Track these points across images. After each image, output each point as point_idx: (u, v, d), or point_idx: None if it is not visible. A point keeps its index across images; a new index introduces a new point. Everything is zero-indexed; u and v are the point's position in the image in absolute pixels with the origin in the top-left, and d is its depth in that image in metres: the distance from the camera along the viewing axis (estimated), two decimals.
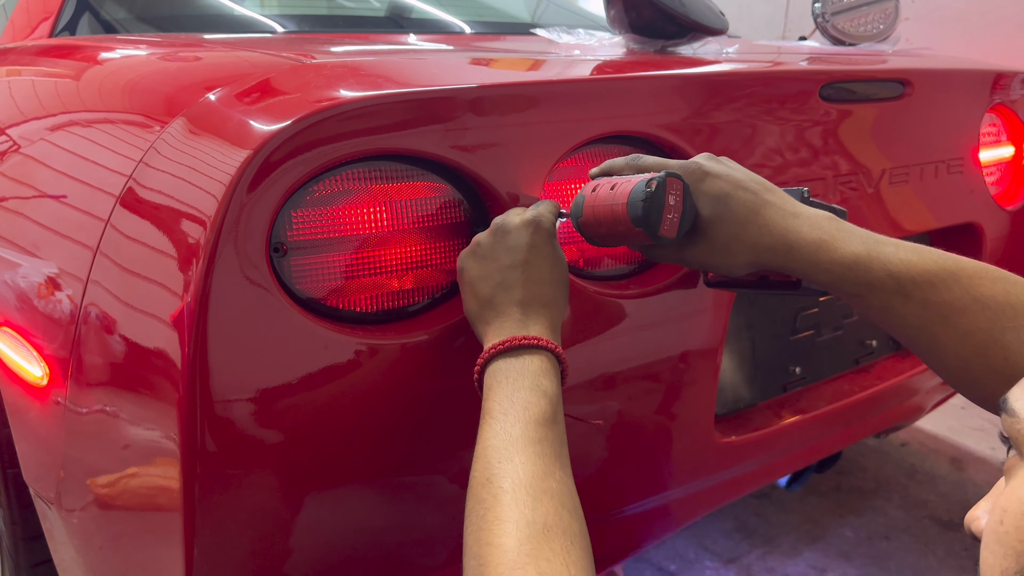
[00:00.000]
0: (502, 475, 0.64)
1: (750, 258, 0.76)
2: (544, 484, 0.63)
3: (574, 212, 0.80)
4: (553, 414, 0.69)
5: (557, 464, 0.66)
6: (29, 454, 0.98)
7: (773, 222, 0.74)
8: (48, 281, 0.88)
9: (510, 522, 0.60)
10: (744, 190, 0.76)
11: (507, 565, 0.58)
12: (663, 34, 1.16)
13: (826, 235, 0.73)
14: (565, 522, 0.61)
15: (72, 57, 1.18)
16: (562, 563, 0.58)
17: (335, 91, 0.74)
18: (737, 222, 0.75)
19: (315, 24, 1.55)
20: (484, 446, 0.67)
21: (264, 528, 0.75)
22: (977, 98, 1.36)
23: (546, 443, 0.66)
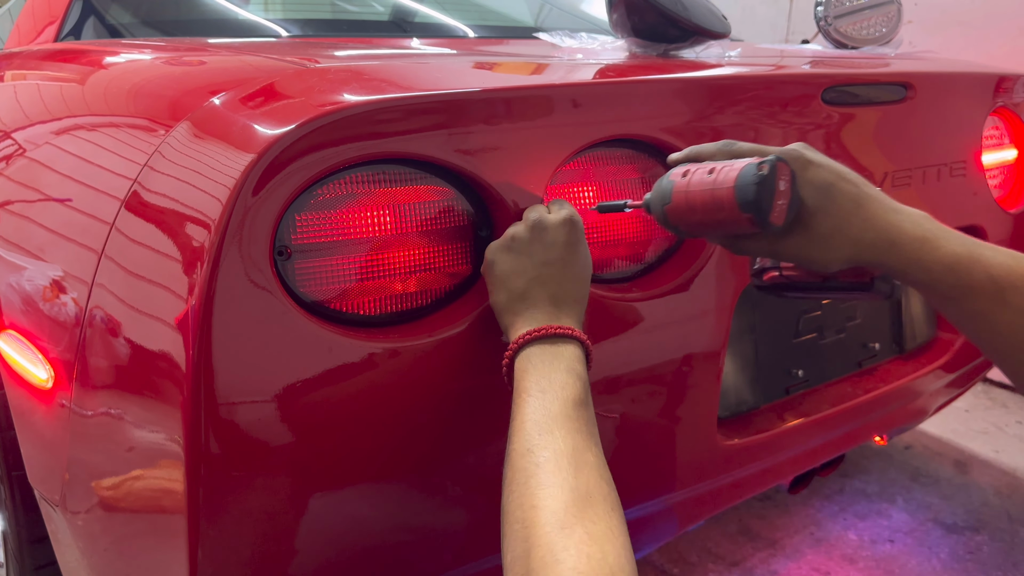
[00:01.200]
0: (543, 446, 0.65)
1: (850, 253, 0.73)
2: (583, 457, 0.64)
3: (658, 198, 0.77)
4: (586, 398, 0.71)
5: (592, 442, 0.67)
6: (34, 456, 0.99)
7: (876, 216, 0.72)
8: (53, 284, 0.88)
9: (554, 487, 0.62)
10: (847, 181, 0.74)
11: (554, 525, 0.59)
12: (665, 38, 1.16)
13: (928, 233, 0.71)
14: (605, 491, 0.62)
15: (77, 61, 1.18)
16: (606, 526, 0.59)
17: (339, 95, 0.74)
18: (841, 214, 0.73)
19: (319, 28, 1.56)
20: (523, 420, 0.68)
21: (268, 530, 0.75)
22: (980, 101, 1.36)
23: (582, 422, 0.68)
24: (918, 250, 0.71)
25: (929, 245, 0.70)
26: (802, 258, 0.76)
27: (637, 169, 0.95)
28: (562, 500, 0.61)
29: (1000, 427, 2.25)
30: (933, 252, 0.70)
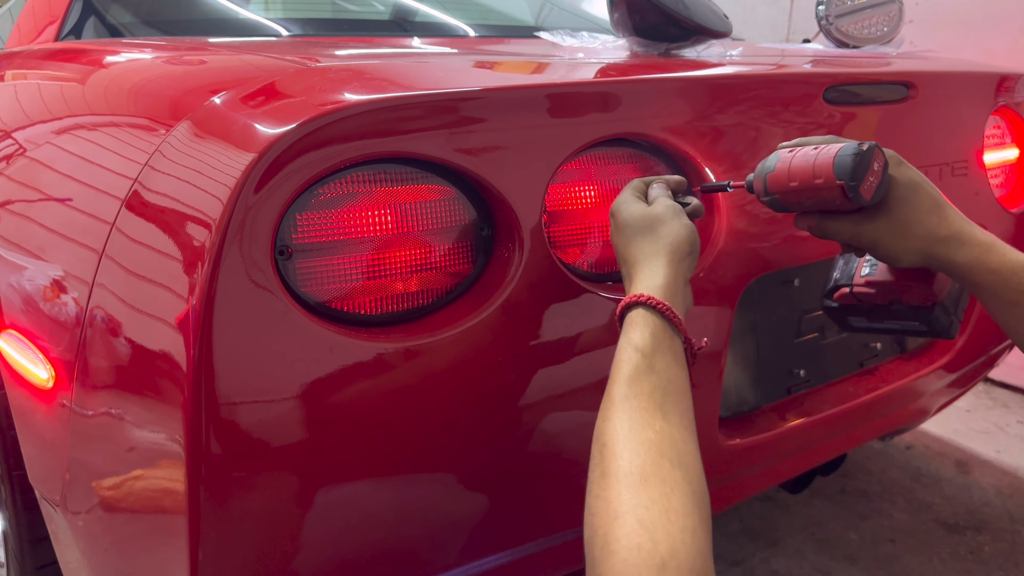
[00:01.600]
0: (604, 432, 0.67)
1: (924, 245, 0.80)
2: (640, 436, 0.65)
3: (763, 168, 0.83)
4: (648, 365, 0.71)
5: (658, 415, 0.67)
6: (35, 456, 0.99)
7: (951, 218, 0.80)
8: (54, 284, 0.88)
9: (611, 475, 0.63)
10: (931, 186, 0.82)
11: (609, 515, 0.61)
12: (667, 37, 1.16)
13: (995, 241, 0.79)
14: (664, 471, 0.63)
15: (78, 61, 1.18)
16: (660, 510, 0.59)
17: (340, 94, 0.74)
18: (922, 208, 0.80)
19: (320, 27, 1.55)
20: (625, 358, 0.72)
21: (269, 530, 0.75)
22: (981, 101, 1.36)
23: (642, 397, 0.69)
24: (986, 252, 0.78)
25: (997, 249, 0.78)
26: (880, 243, 0.82)
27: (638, 168, 0.95)
28: (617, 489, 0.62)
29: (1001, 427, 2.25)
30: (1000, 256, 0.77)
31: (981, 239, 0.79)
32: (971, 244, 0.79)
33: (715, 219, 0.99)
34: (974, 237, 0.79)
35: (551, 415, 0.88)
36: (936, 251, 0.80)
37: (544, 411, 0.87)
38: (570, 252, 0.90)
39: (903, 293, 0.92)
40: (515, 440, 0.87)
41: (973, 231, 0.80)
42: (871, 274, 0.95)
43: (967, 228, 0.80)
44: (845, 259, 1.01)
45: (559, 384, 0.88)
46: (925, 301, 0.91)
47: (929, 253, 0.81)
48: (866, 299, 0.95)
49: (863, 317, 0.97)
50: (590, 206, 0.91)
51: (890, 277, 0.94)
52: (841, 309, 0.98)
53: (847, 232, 0.83)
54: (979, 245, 0.78)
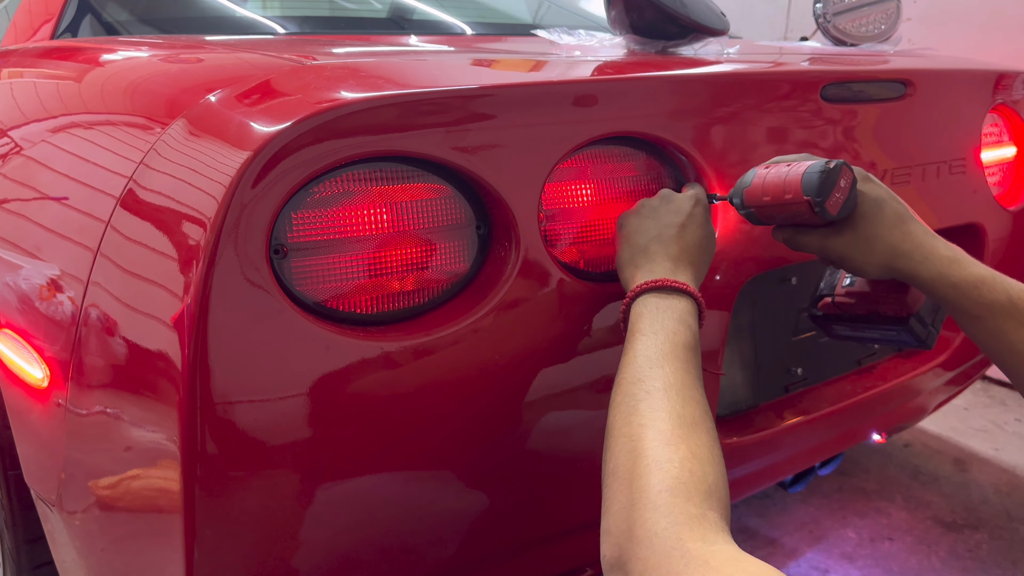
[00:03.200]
0: (653, 377, 0.71)
1: (888, 259, 0.83)
2: (691, 393, 0.70)
3: (741, 183, 0.87)
4: (695, 346, 0.76)
5: (699, 384, 0.72)
6: (30, 456, 0.98)
7: (915, 233, 0.83)
8: (49, 283, 0.88)
9: (662, 411, 0.67)
10: (896, 201, 0.84)
11: (661, 441, 0.64)
12: (664, 35, 1.16)
13: (958, 255, 0.81)
14: (708, 424, 0.68)
15: (74, 59, 1.18)
16: (708, 451, 0.64)
17: (336, 92, 0.74)
18: (886, 224, 0.83)
19: (316, 25, 1.55)
20: (634, 355, 0.74)
21: (264, 530, 0.75)
22: (979, 98, 1.36)
23: (691, 365, 0.73)
24: (948, 266, 0.80)
25: (958, 264, 0.80)
26: (846, 256, 0.85)
27: (635, 167, 0.95)
28: (669, 423, 0.66)
29: (999, 425, 2.25)
30: (961, 270, 0.79)
31: (943, 253, 0.81)
32: (933, 258, 0.81)
33: (712, 215, 0.99)
34: (935, 251, 0.81)
35: (548, 413, 0.88)
36: (899, 265, 0.83)
37: (541, 409, 0.87)
38: (567, 250, 0.90)
39: (880, 304, 0.95)
40: (513, 438, 0.87)
41: (935, 245, 0.81)
42: (851, 285, 0.99)
43: (929, 242, 0.82)
44: (830, 271, 1.03)
45: (556, 382, 0.87)
46: (900, 312, 0.94)
47: (892, 267, 0.83)
48: (847, 309, 0.98)
49: (846, 326, 1.00)
50: (587, 204, 0.91)
51: (868, 289, 0.97)
52: (825, 318, 1.02)
53: (816, 245, 0.86)
54: (940, 259, 0.80)
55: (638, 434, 0.66)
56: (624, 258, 0.86)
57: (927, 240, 0.82)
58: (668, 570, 0.55)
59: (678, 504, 0.59)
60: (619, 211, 0.93)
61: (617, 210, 0.93)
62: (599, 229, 0.92)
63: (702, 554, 0.55)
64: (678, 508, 0.59)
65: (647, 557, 0.57)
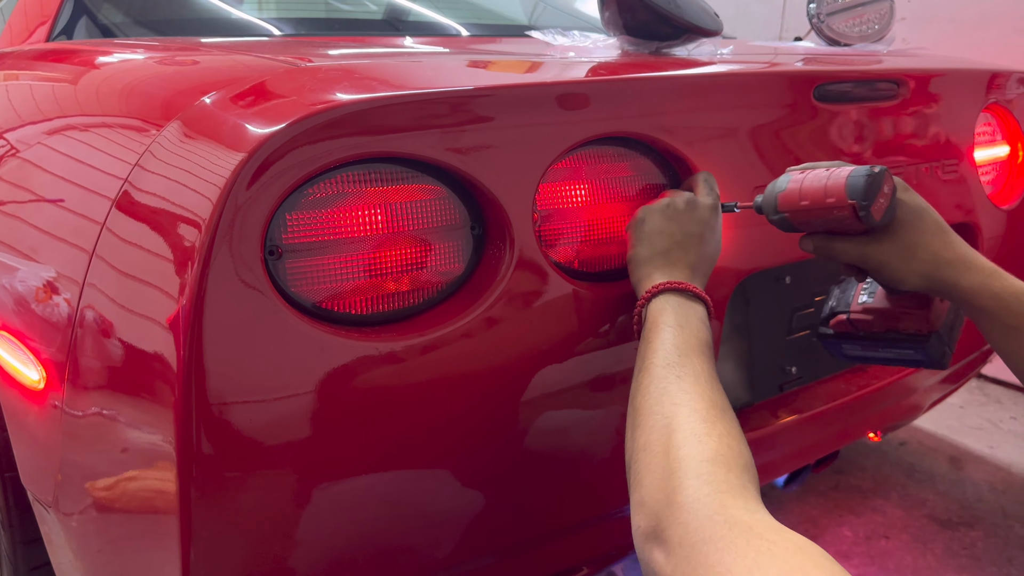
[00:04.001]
0: (684, 364, 0.73)
1: (929, 268, 0.83)
2: (716, 383, 0.72)
3: (774, 188, 0.85)
4: (709, 340, 0.78)
5: (717, 380, 0.74)
6: (27, 458, 0.99)
7: (956, 243, 0.83)
8: (45, 285, 0.88)
9: (696, 394, 0.69)
10: (935, 212, 0.85)
11: (696, 419, 0.66)
12: (658, 36, 1.16)
13: (997, 268, 0.82)
14: (731, 413, 0.69)
15: (69, 61, 1.18)
16: (739, 433, 0.67)
17: (330, 94, 0.74)
18: (928, 231, 0.83)
19: (312, 27, 1.56)
20: (662, 343, 0.75)
21: (260, 530, 0.75)
22: (972, 98, 1.36)
23: (712, 363, 0.75)
24: (989, 276, 0.80)
25: (999, 275, 0.80)
26: (886, 265, 0.84)
27: (629, 167, 0.95)
28: (703, 404, 0.68)
29: (995, 423, 2.26)
30: (1003, 281, 0.80)
31: (985, 265, 0.81)
32: (976, 269, 0.81)
33: None
34: (978, 262, 0.81)
35: (544, 412, 0.88)
36: (941, 274, 0.82)
37: (537, 408, 0.87)
38: (561, 251, 0.90)
39: (900, 321, 0.93)
40: (509, 437, 0.87)
41: (977, 256, 0.82)
42: (869, 301, 0.96)
43: (971, 253, 0.82)
44: (842, 287, 1.01)
45: (551, 381, 0.88)
46: (922, 329, 0.92)
47: (934, 276, 0.82)
48: (863, 326, 0.96)
49: (858, 345, 0.98)
50: (581, 205, 0.91)
51: (888, 304, 0.94)
52: (837, 336, 0.99)
53: (854, 253, 0.85)
54: (983, 270, 0.81)
55: (672, 412, 0.68)
56: (641, 255, 0.87)
57: (968, 250, 0.82)
58: (712, 533, 0.55)
59: (719, 473, 0.60)
60: (613, 211, 0.94)
61: (612, 210, 0.93)
62: (594, 229, 0.92)
63: (746, 520, 0.56)
64: (719, 476, 0.60)
65: (688, 521, 0.57)
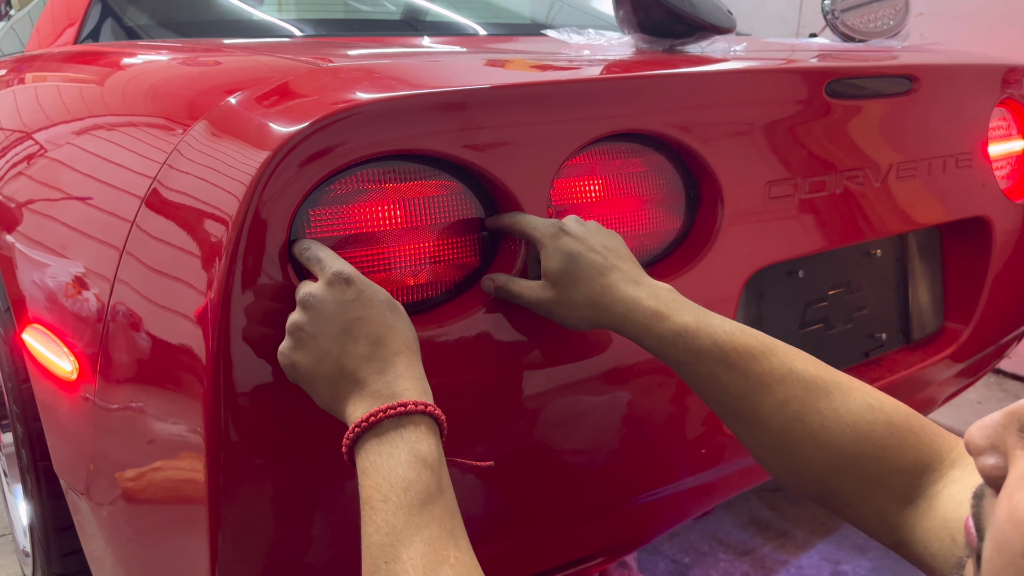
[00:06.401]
0: (395, 574, 0.59)
1: (590, 314, 0.81)
2: (439, 574, 0.59)
3: None
4: (438, 485, 0.64)
5: (451, 544, 0.61)
6: (59, 447, 1.01)
7: (615, 285, 0.80)
8: (77, 280, 0.91)
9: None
10: (595, 252, 0.81)
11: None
12: (672, 33, 1.18)
13: (662, 305, 0.78)
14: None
15: (96, 63, 1.21)
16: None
17: (351, 93, 0.76)
18: (583, 279, 0.80)
19: (331, 28, 1.58)
20: (368, 544, 0.62)
21: (287, 518, 0.77)
22: (986, 92, 1.37)
23: (434, 525, 0.62)
24: (649, 319, 0.78)
25: (660, 316, 0.78)
26: (553, 313, 0.82)
27: (642, 163, 0.97)
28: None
29: None
30: (664, 322, 0.77)
31: (646, 305, 0.78)
32: (635, 312, 0.79)
33: (718, 210, 1.01)
34: (639, 304, 0.78)
35: (559, 401, 0.90)
36: (602, 319, 0.81)
37: (553, 398, 0.89)
38: None
39: None
40: (524, 427, 0.88)
41: (638, 297, 0.79)
42: None
43: (632, 295, 0.79)
44: None
45: (566, 373, 0.89)
46: None
47: (598, 320, 0.81)
48: None
49: None
50: (595, 200, 0.93)
51: None
52: None
53: (526, 299, 0.82)
54: (643, 311, 0.78)
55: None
56: (326, 400, 0.70)
57: (628, 292, 0.79)
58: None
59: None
60: (627, 207, 0.96)
61: (625, 205, 0.95)
62: (607, 223, 0.94)
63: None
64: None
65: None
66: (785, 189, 1.07)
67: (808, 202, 1.10)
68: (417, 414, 0.66)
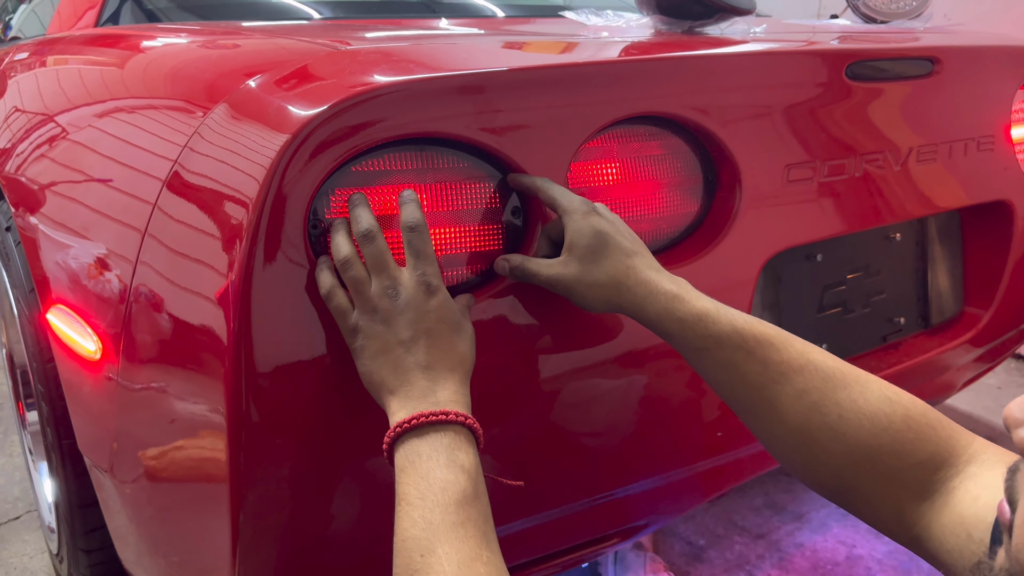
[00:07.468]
0: (426, 570, 0.61)
1: (611, 294, 0.81)
2: (472, 570, 0.61)
3: None
4: (474, 490, 0.66)
5: (483, 544, 0.63)
6: (83, 426, 1.03)
7: (639, 268, 0.81)
8: (99, 261, 0.92)
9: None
10: (621, 235, 0.82)
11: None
12: (691, 15, 1.17)
13: (682, 290, 0.79)
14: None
15: (116, 46, 1.21)
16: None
17: (369, 76, 0.76)
18: (610, 256, 0.80)
19: (350, 10, 1.58)
20: (403, 538, 0.64)
21: (307, 497, 0.79)
22: (1009, 74, 1.35)
23: (469, 524, 0.64)
24: (670, 302, 0.78)
25: (681, 299, 0.78)
26: (572, 289, 0.82)
27: (660, 146, 0.97)
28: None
29: None
30: (684, 305, 0.78)
31: (667, 289, 0.79)
32: (656, 294, 0.79)
33: (735, 194, 1.01)
34: (660, 287, 0.79)
35: (577, 385, 0.90)
36: (624, 300, 0.80)
37: (570, 381, 0.89)
38: None
39: None
40: (541, 410, 0.89)
41: (659, 281, 0.79)
42: None
43: (654, 278, 0.80)
44: None
45: (585, 355, 0.90)
46: None
47: (617, 302, 0.81)
48: None
49: None
50: (612, 183, 0.93)
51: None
52: None
53: (543, 277, 0.82)
54: (664, 294, 0.78)
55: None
56: (372, 381, 0.73)
57: (651, 276, 0.80)
58: None
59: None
60: (645, 190, 0.95)
61: (642, 188, 0.95)
62: (624, 207, 0.94)
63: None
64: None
65: None
66: (804, 172, 1.06)
67: (827, 185, 1.10)
68: (458, 424, 0.70)
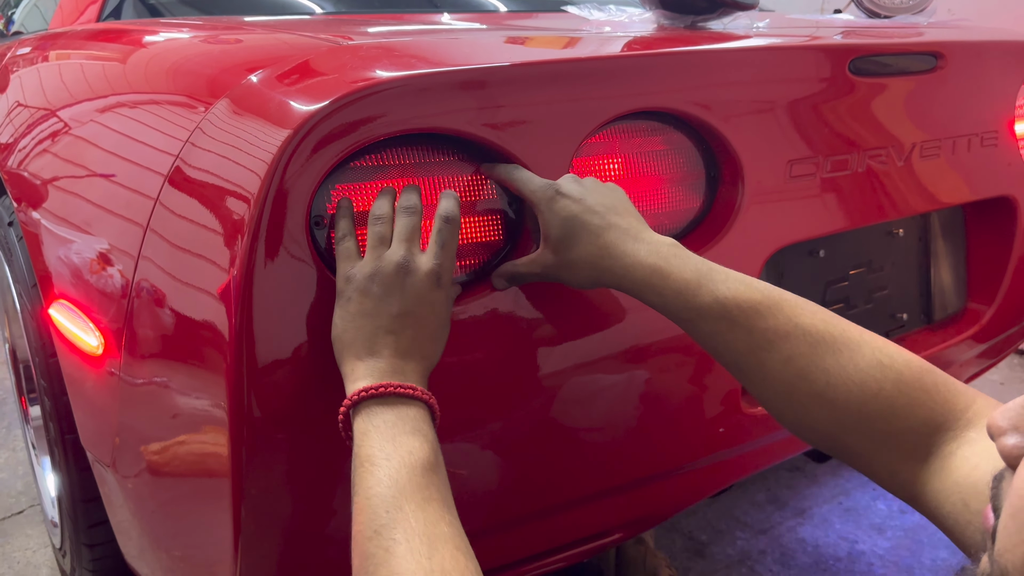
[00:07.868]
0: (392, 526, 0.62)
1: (591, 274, 0.80)
2: (437, 530, 0.62)
3: None
4: (436, 461, 0.68)
5: (446, 510, 0.65)
6: (86, 421, 1.03)
7: (613, 244, 0.79)
8: (101, 256, 0.92)
9: (407, 574, 0.59)
10: (592, 213, 0.80)
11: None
12: (693, 9, 1.17)
13: (662, 261, 0.77)
14: (462, 565, 0.60)
15: (119, 41, 1.21)
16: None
17: (371, 71, 0.76)
18: (581, 242, 0.79)
19: (351, 5, 1.58)
20: (367, 495, 0.64)
21: (309, 491, 0.79)
22: (1013, 70, 1.34)
23: (433, 489, 0.65)
24: (649, 277, 0.77)
25: (660, 273, 0.77)
26: (559, 278, 0.82)
27: (663, 141, 0.96)
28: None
29: None
30: (664, 279, 0.77)
31: (646, 262, 0.77)
32: (635, 270, 0.78)
33: (738, 189, 1.00)
34: (638, 262, 0.78)
35: (573, 380, 0.90)
36: (604, 279, 0.80)
37: (567, 377, 0.89)
38: None
39: None
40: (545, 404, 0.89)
41: (638, 254, 0.78)
42: None
43: (632, 251, 0.78)
44: None
45: (585, 350, 0.90)
46: None
47: (600, 280, 0.81)
48: None
49: None
50: (614, 179, 0.93)
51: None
52: None
53: (535, 271, 0.83)
54: (643, 269, 0.77)
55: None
56: (341, 338, 0.73)
57: (627, 250, 0.78)
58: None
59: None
60: (647, 185, 0.95)
61: (645, 184, 0.95)
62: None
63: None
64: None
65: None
66: (807, 168, 1.06)
67: (830, 181, 1.09)
68: (422, 401, 0.72)
